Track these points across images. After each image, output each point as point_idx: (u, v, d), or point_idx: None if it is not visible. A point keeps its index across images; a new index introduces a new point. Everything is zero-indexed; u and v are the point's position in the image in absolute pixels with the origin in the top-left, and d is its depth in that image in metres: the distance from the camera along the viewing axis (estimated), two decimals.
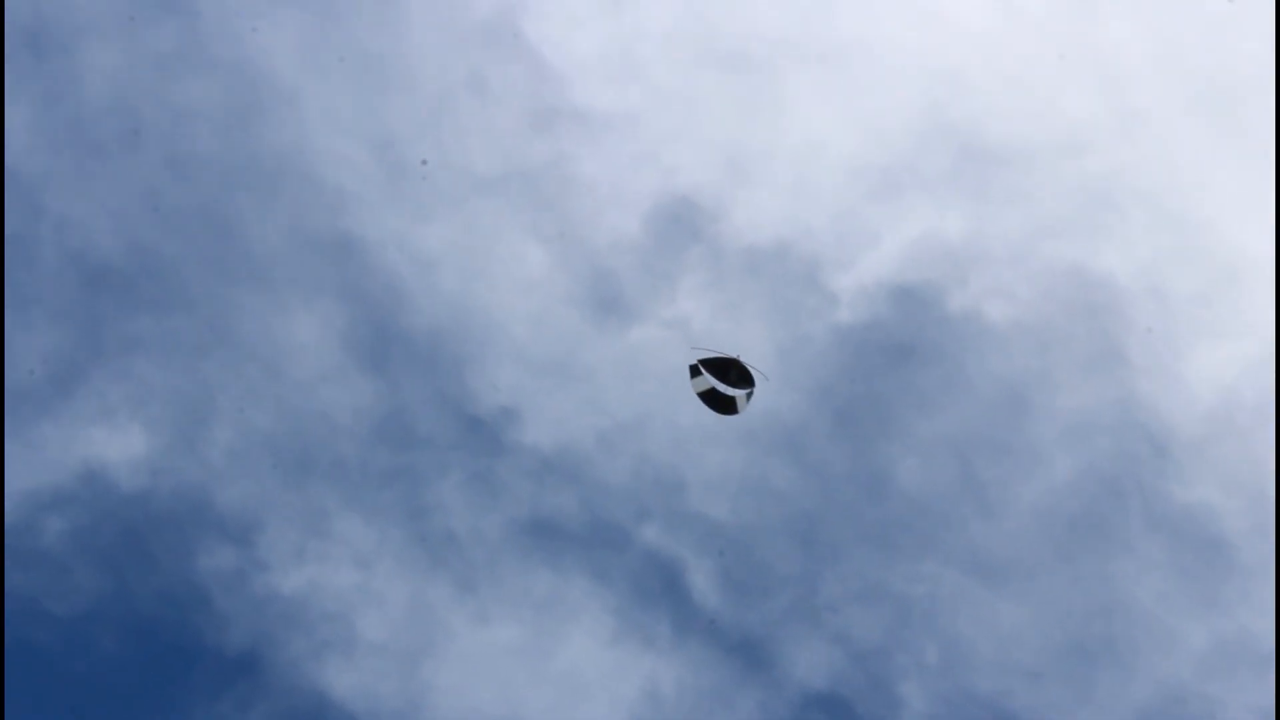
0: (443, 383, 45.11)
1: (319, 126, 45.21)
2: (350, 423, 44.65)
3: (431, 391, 45.05)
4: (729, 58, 45.72)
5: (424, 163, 45.05)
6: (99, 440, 43.93)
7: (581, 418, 45.19)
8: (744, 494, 45.19)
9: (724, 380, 40.32)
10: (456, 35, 45.23)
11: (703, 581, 44.81)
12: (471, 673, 44.06)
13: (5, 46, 43.71)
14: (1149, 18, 46.47)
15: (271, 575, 43.40)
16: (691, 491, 45.12)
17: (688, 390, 41.38)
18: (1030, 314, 45.90)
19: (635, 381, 45.36)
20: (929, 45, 46.75)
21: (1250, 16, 45.97)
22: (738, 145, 44.92)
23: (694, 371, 40.62)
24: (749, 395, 40.46)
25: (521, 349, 45.27)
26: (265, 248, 44.90)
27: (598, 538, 44.83)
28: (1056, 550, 45.00)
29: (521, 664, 44.27)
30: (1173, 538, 44.57)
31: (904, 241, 45.74)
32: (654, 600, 44.76)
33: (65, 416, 43.91)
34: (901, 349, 45.97)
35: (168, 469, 43.98)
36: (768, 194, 45.78)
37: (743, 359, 40.01)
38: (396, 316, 45.17)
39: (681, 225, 45.59)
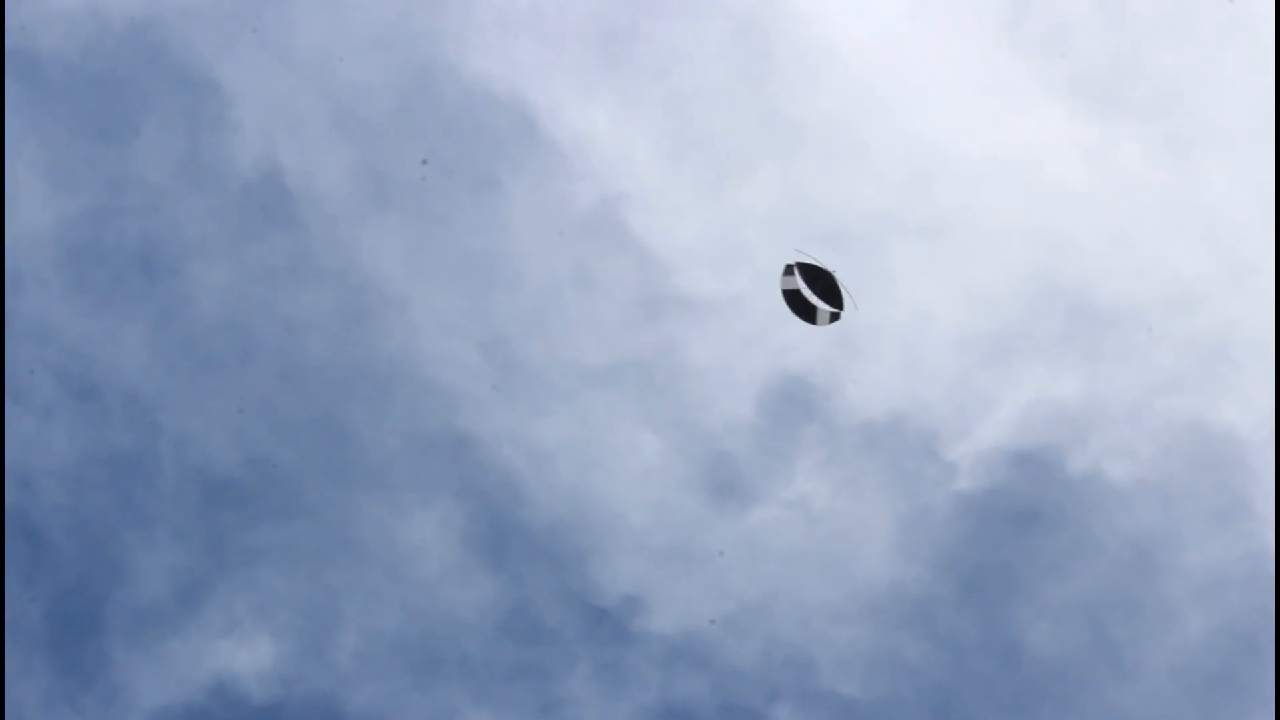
0: (565, 575, 53.88)
1: (428, 329, 54.47)
2: (475, 620, 53.50)
3: (555, 585, 53.85)
4: (831, 235, 54.43)
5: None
6: (227, 653, 53.04)
7: (707, 602, 53.74)
8: (875, 669, 53.58)
9: (813, 289, 49.20)
10: (560, 230, 54.45)
11: None
12: None
13: (107, 261, 53.45)
14: (1249, 167, 54.88)
15: None
16: (822, 670, 53.43)
17: (811, 566, 50.48)
18: (1152, 471, 53.99)
19: (759, 563, 53.98)
20: (1030, 209, 55.14)
21: None
22: (846, 321, 53.22)
23: (787, 270, 49.21)
24: (833, 316, 49.17)
25: (642, 537, 54.04)
26: (381, 451, 54.06)
27: None
28: (1196, 708, 52.95)
29: None
30: None
31: (1020, 406, 54.11)
32: None
33: (193, 631, 53.05)
34: (1024, 514, 54.25)
35: (297, 677, 52.89)
36: (879, 368, 54.30)
37: (839, 277, 48.80)
38: (515, 512, 54.10)
39: (795, 404, 54.38)
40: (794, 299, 51.25)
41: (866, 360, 54.99)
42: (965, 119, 56.50)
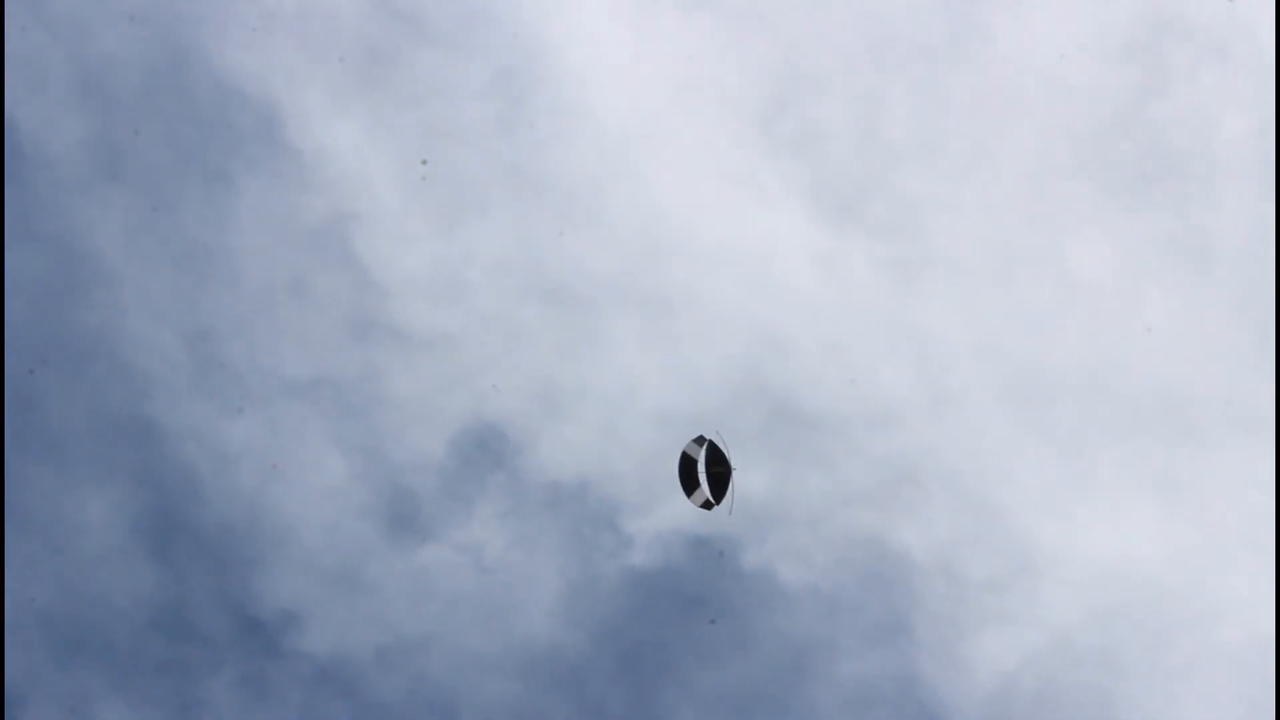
0: (227, 580, 57.60)
1: (135, 310, 58.05)
2: (128, 608, 57.00)
3: (214, 587, 57.53)
4: (553, 292, 58.61)
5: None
6: None
7: (363, 631, 57.68)
8: None
9: (707, 469, 53.96)
10: (285, 237, 58.44)
11: None
12: None
13: None
14: (971, 305, 59.83)
15: None
16: (465, 717, 57.69)
17: (472, 613, 55.01)
18: (823, 579, 58.69)
19: (421, 600, 58.08)
20: (753, 303, 59.54)
21: (1073, 314, 59.97)
22: (551, 379, 57.49)
23: (698, 440, 54.04)
24: (707, 503, 53.95)
25: (311, 555, 57.93)
26: (63, 423, 57.48)
27: None
28: None
29: None
30: None
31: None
32: None
33: None
34: (691, 599, 58.59)
35: None
36: (575, 431, 58.42)
37: (734, 480, 53.42)
38: (188, 508, 57.68)
39: (486, 452, 58.56)
40: (686, 466, 55.59)
41: (565, 421, 59.23)
42: (706, 204, 61.02)
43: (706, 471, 55.53)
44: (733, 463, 54.32)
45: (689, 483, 55.84)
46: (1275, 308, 58.36)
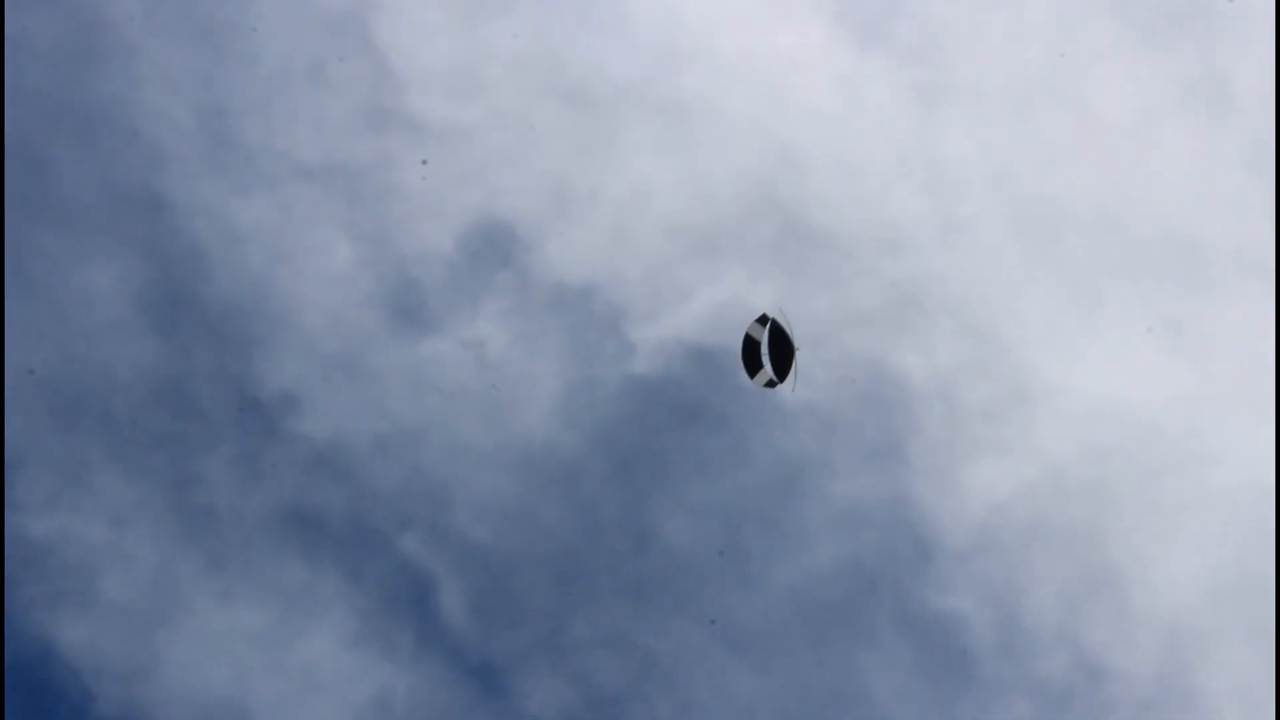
0: (228, 357, 58.37)
1: (151, 82, 58.55)
2: (128, 379, 57.81)
3: (215, 364, 58.31)
4: (572, 93, 59.02)
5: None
6: None
7: (361, 418, 58.50)
8: (509, 522, 58.77)
9: (771, 351, 55.02)
10: (304, 21, 58.81)
11: (452, 601, 58.41)
12: (206, 650, 57.25)
13: None
14: (988, 135, 60.26)
15: (22, 516, 56.58)
16: (457, 510, 58.69)
17: (470, 407, 55.86)
18: (821, 398, 59.42)
19: (421, 392, 58.87)
20: (771, 118, 59.99)
21: (1090, 150, 60.47)
22: (565, 180, 57.96)
23: (761, 319, 55.41)
24: (770, 382, 55.18)
25: (313, 339, 58.61)
26: (74, 190, 58.06)
27: (356, 538, 58.21)
28: (804, 631, 58.61)
29: (257, 650, 57.53)
30: (919, 641, 58.31)
31: (711, 305, 59.14)
32: (401, 610, 58.23)
33: None
34: (689, 410, 59.38)
35: None
36: (586, 234, 58.98)
37: (798, 358, 54.39)
38: (194, 284, 58.37)
39: (495, 248, 59.21)
40: (749, 346, 56.97)
41: (575, 224, 59.89)
42: (728, 14, 61.57)
43: (771, 352, 55.22)
44: (796, 343, 54.79)
45: (751, 362, 56.81)
46: None
